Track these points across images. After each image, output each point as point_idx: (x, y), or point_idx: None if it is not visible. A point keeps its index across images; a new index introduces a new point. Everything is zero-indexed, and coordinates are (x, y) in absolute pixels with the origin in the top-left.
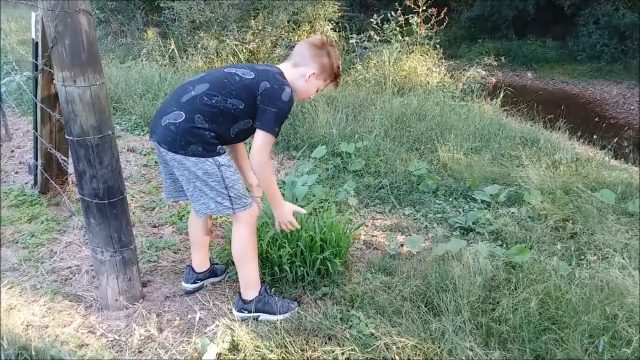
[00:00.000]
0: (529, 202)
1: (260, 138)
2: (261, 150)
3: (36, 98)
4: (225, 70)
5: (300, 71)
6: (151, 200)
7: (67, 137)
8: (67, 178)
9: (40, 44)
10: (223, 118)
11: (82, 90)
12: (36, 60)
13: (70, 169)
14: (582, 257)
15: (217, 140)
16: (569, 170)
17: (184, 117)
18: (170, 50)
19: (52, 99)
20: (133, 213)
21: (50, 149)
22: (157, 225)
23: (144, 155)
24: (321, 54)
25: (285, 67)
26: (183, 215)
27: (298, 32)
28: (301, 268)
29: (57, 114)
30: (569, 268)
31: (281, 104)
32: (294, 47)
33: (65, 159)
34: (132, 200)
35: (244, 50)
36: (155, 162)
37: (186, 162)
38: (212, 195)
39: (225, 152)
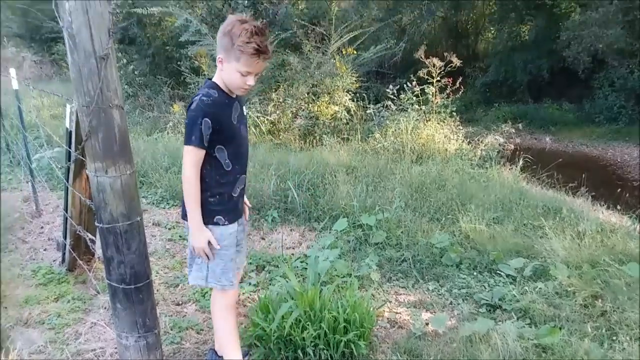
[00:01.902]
0: (555, 277)
1: (183, 154)
2: (184, 166)
3: (68, 182)
4: None
5: (218, 62)
6: (175, 276)
7: (97, 224)
8: (93, 255)
9: (74, 134)
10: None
11: (112, 179)
12: (69, 147)
13: (98, 250)
14: (614, 337)
15: (217, 202)
16: (594, 241)
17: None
18: None
19: (83, 183)
20: (157, 290)
21: (79, 232)
22: (180, 303)
23: (169, 229)
24: (222, 36)
25: (217, 69)
26: (206, 293)
27: (317, 102)
28: (325, 351)
29: (88, 199)
30: (602, 351)
31: (190, 113)
32: (312, 117)
33: (94, 239)
34: (156, 276)
35: (266, 122)
36: (180, 237)
37: (187, 225)
38: (194, 260)
39: (225, 224)
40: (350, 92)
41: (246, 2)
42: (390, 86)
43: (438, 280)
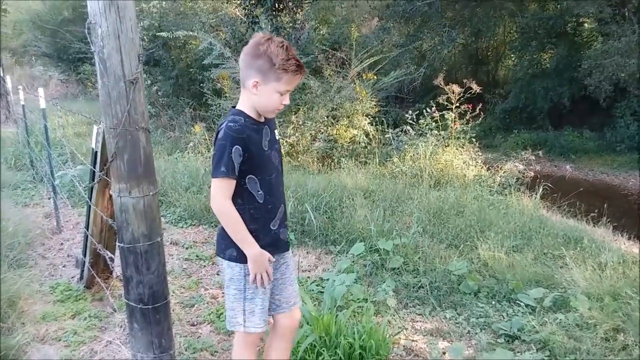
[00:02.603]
0: (576, 309)
1: (212, 186)
2: (214, 198)
3: (91, 201)
4: None
5: (247, 87)
6: (191, 296)
7: (118, 243)
8: (112, 273)
9: (99, 154)
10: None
11: (136, 200)
12: (94, 167)
13: (116, 269)
14: None
15: (254, 237)
16: (615, 273)
17: (220, 224)
18: None
19: (105, 202)
20: (173, 310)
21: (99, 250)
22: (195, 323)
23: (187, 248)
24: (254, 58)
25: (241, 95)
26: (221, 314)
27: (336, 125)
28: None
29: (109, 218)
30: None
31: (219, 142)
32: (331, 140)
33: (113, 257)
34: (172, 295)
35: (285, 144)
36: (197, 256)
37: (223, 264)
38: (229, 304)
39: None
40: (369, 116)
41: (269, 27)
42: (410, 111)
43: (456, 308)
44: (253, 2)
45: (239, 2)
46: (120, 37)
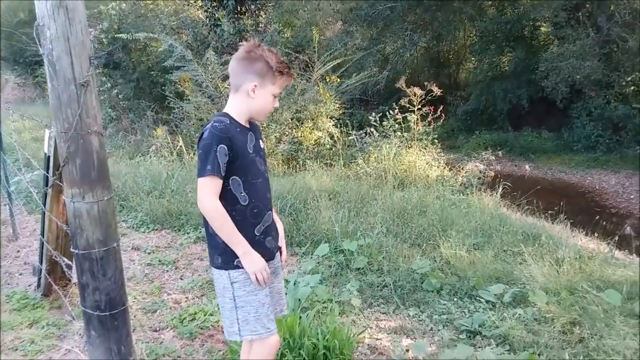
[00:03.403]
0: (534, 303)
1: (198, 187)
2: (201, 198)
3: (45, 207)
4: None
5: (243, 91)
6: (153, 301)
7: (72, 250)
8: (70, 280)
9: (52, 159)
10: None
11: (89, 205)
12: (47, 172)
13: (74, 277)
14: None
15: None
16: (572, 268)
17: (206, 233)
18: (178, 147)
19: (60, 208)
20: (134, 316)
21: (55, 257)
22: (157, 329)
23: (149, 253)
24: (251, 62)
25: (230, 99)
26: (184, 318)
27: (301, 128)
28: None
29: (64, 224)
30: None
31: (203, 142)
32: (296, 142)
33: (70, 264)
34: (133, 301)
35: None
36: (159, 261)
37: (214, 273)
38: (226, 313)
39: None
40: (333, 119)
41: (232, 30)
42: (373, 113)
43: (419, 306)
44: (215, 4)
45: (200, 4)
46: (70, 40)
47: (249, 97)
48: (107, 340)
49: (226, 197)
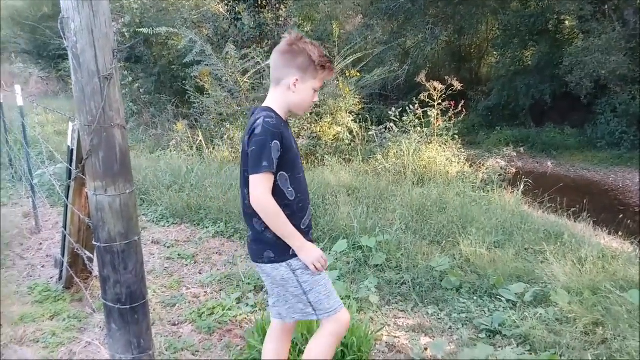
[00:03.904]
0: (556, 303)
1: (250, 184)
2: (257, 194)
3: (67, 200)
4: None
5: (284, 85)
6: (172, 295)
7: (94, 243)
8: (91, 273)
9: (75, 152)
10: None
11: (112, 199)
12: (70, 165)
13: (95, 270)
14: None
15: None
16: (595, 267)
17: (250, 230)
18: (197, 141)
19: (83, 201)
20: (153, 310)
21: (77, 249)
22: (176, 323)
23: (168, 247)
24: (293, 56)
25: (271, 93)
26: (203, 313)
27: (320, 123)
28: None
29: (87, 217)
30: None
31: (257, 138)
32: (315, 137)
33: (92, 257)
34: (153, 295)
35: None
36: (179, 255)
37: (265, 269)
38: (294, 301)
39: None
40: (353, 114)
41: (252, 24)
42: (393, 108)
43: (438, 304)
44: None
45: None
46: (94, 32)
47: (289, 91)
48: (127, 333)
49: (275, 193)
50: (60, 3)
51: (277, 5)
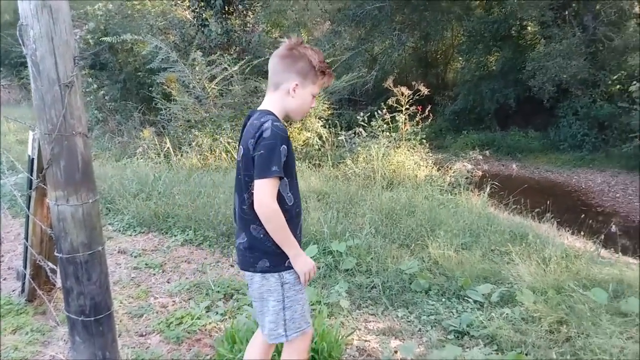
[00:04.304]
0: (521, 303)
1: (256, 188)
2: (264, 200)
3: (29, 210)
4: (237, 166)
5: (283, 90)
6: (139, 305)
7: (56, 254)
8: (54, 285)
9: (36, 161)
10: None
11: (74, 208)
12: (31, 175)
13: (59, 281)
14: None
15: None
16: (559, 267)
17: (245, 237)
18: (165, 149)
19: (44, 211)
20: (120, 321)
21: (39, 261)
22: (144, 334)
23: (135, 257)
24: (294, 60)
25: (268, 97)
26: (171, 322)
27: (289, 128)
28: None
29: (49, 227)
30: None
31: (266, 142)
32: None
33: (55, 268)
34: (119, 306)
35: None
36: (146, 264)
37: (254, 278)
38: (268, 319)
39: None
40: (322, 119)
41: (219, 30)
42: (361, 113)
43: (407, 306)
44: (202, 4)
45: (188, 4)
46: (54, 39)
47: (288, 96)
48: (91, 346)
49: (277, 198)
50: (19, 10)
51: (245, 12)
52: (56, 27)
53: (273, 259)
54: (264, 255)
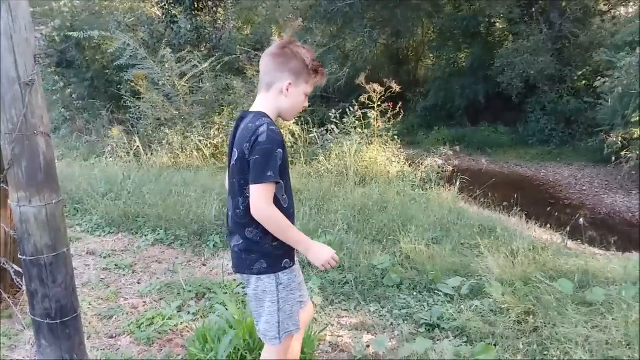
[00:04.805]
0: (490, 295)
1: (253, 194)
2: (261, 205)
3: None
4: (231, 169)
5: (276, 89)
6: (109, 307)
7: (20, 256)
8: (21, 289)
9: None
10: None
11: (37, 209)
12: None
13: (24, 285)
14: (546, 352)
15: (281, 245)
16: (527, 259)
17: (241, 239)
18: (135, 147)
19: (8, 213)
20: (89, 323)
21: (4, 264)
22: (114, 335)
23: (104, 258)
24: (287, 59)
25: (261, 97)
26: (142, 324)
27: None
28: None
29: (12, 230)
30: None
31: (263, 146)
32: None
33: (20, 271)
34: (88, 308)
35: (209, 145)
36: (116, 265)
37: (250, 280)
38: (264, 319)
39: (291, 266)
40: (294, 116)
41: (189, 27)
42: (334, 110)
43: (379, 301)
44: (171, 1)
45: (156, 1)
46: (14, 37)
47: (281, 95)
48: (58, 349)
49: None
50: None
51: (215, 9)
52: (15, 25)
53: (270, 261)
54: (261, 257)
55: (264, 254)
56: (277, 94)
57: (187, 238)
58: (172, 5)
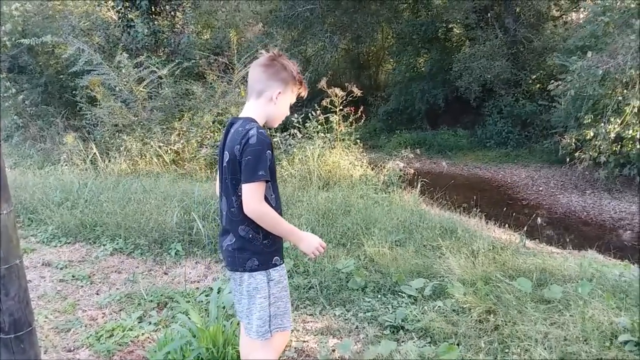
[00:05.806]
0: (452, 295)
1: (245, 192)
2: (252, 203)
3: None
4: (223, 171)
5: (266, 97)
6: (67, 320)
7: None
8: None
9: None
10: None
11: None
12: None
13: None
14: (507, 350)
15: (271, 243)
16: (487, 259)
17: (234, 238)
18: (91, 155)
19: None
20: (46, 337)
21: None
22: (72, 349)
23: (61, 269)
24: (277, 70)
25: (250, 104)
26: (101, 336)
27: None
28: None
29: None
30: None
31: (253, 148)
32: (218, 146)
33: None
34: (45, 321)
35: (169, 151)
36: (73, 276)
37: (243, 277)
38: (255, 315)
39: (281, 264)
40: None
41: (146, 31)
42: (296, 115)
43: (344, 305)
44: (127, 5)
45: (112, 4)
46: None
47: (271, 103)
48: None
49: None
50: None
51: (173, 13)
52: None
53: (261, 258)
54: (253, 255)
55: (255, 251)
56: (267, 102)
57: (147, 247)
58: (129, 9)
